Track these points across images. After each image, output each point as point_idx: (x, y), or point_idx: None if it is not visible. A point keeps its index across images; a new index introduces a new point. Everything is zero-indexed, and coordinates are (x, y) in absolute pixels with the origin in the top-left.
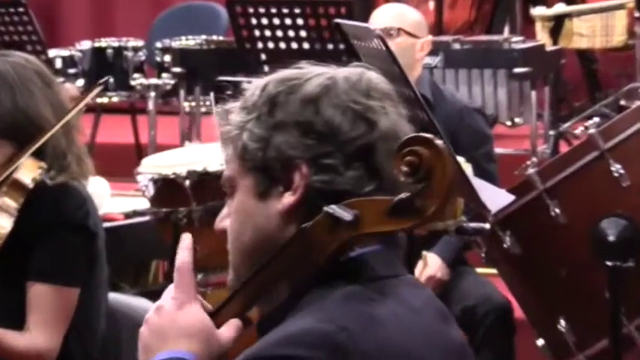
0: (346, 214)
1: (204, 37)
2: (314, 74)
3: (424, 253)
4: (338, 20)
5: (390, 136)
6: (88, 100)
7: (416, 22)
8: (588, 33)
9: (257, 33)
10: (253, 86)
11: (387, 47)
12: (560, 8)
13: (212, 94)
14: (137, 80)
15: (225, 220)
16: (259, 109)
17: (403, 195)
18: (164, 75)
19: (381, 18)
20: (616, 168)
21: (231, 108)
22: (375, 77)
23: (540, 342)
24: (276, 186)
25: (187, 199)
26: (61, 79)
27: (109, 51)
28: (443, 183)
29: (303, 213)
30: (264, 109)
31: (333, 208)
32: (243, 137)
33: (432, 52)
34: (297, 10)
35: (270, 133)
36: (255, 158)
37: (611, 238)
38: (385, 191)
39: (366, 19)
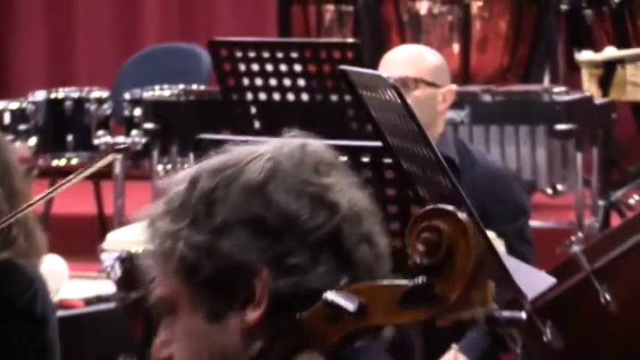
0: (349, 304)
1: (181, 86)
2: (251, 157)
3: (454, 346)
4: (343, 67)
5: (353, 216)
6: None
7: (436, 68)
8: None
9: (246, 81)
10: (177, 182)
11: (403, 100)
12: (610, 53)
13: (191, 156)
14: (101, 138)
15: (167, 348)
16: (193, 210)
17: (419, 279)
18: (134, 132)
19: (394, 66)
20: None
21: (152, 213)
22: (317, 146)
23: None
24: (233, 301)
25: None
26: (9, 137)
27: (68, 103)
28: (467, 264)
29: (271, 325)
30: (200, 210)
31: (333, 296)
32: (178, 248)
33: (458, 105)
34: (294, 55)
35: (213, 238)
36: (199, 272)
37: None
38: (362, 280)
39: (377, 65)
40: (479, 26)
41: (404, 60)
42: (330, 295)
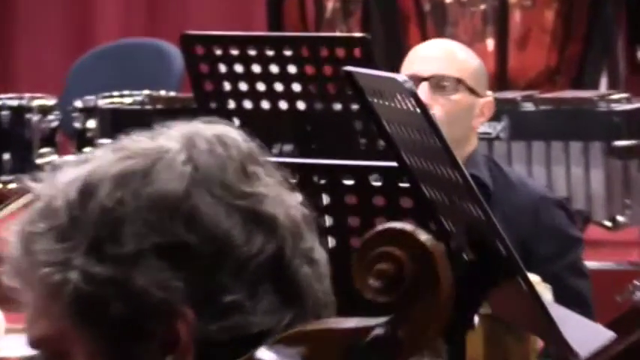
0: None
1: (147, 92)
2: (160, 157)
3: None
4: (349, 68)
5: (293, 231)
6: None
7: (478, 73)
8: None
9: (227, 86)
10: (56, 187)
11: (424, 109)
12: None
13: None
14: (45, 157)
15: None
16: (91, 231)
17: (378, 322)
18: (86, 149)
19: (427, 61)
20: None
21: (25, 229)
22: (234, 136)
23: None
24: (148, 350)
25: None
26: None
27: (4, 113)
28: (438, 301)
29: None
30: (102, 232)
31: (264, 355)
32: (71, 281)
33: (493, 116)
34: (287, 53)
35: (121, 270)
36: (102, 313)
37: None
38: (307, 315)
39: (391, 65)
40: (519, 17)
41: (441, 54)
42: (263, 355)
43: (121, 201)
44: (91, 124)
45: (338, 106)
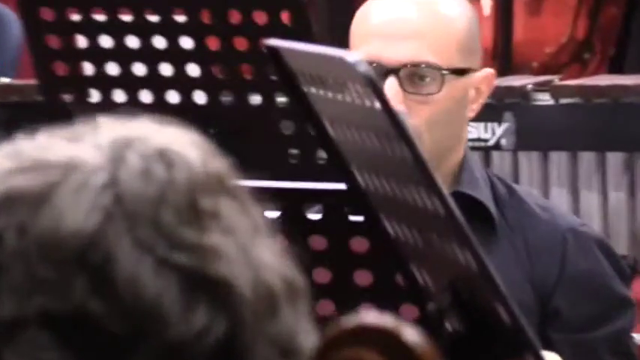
0: None
1: None
2: (71, 179)
3: None
4: (272, 41)
5: (264, 303)
6: None
7: (470, 35)
8: None
9: (89, 68)
10: None
11: (386, 103)
12: None
13: None
14: None
15: None
16: None
17: None
18: None
19: (394, 34)
20: None
21: None
22: (188, 150)
23: None
24: None
25: None
26: None
27: None
28: None
29: None
30: None
31: None
32: None
33: (491, 115)
34: (179, 19)
35: None
36: None
37: None
38: None
39: (338, 35)
40: None
41: (411, 22)
42: None
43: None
44: None
45: (256, 99)
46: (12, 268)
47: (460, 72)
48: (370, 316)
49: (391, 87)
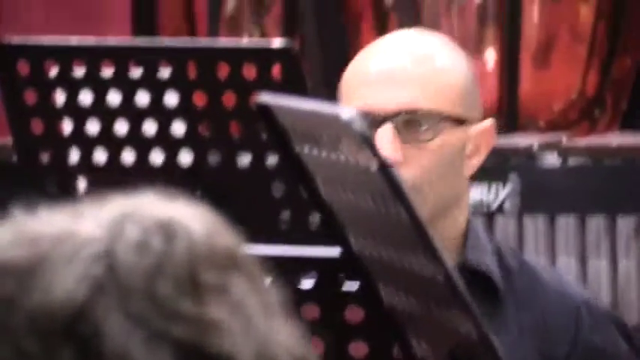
0: None
1: None
2: (65, 251)
3: None
4: (262, 97)
5: None
6: None
7: (468, 85)
8: None
9: (68, 127)
10: None
11: (382, 161)
12: None
13: None
14: None
15: None
16: None
17: None
18: None
19: (390, 80)
20: None
21: None
22: (193, 223)
23: None
24: None
25: None
26: None
27: None
28: None
29: None
30: None
31: None
32: None
33: (495, 175)
34: (163, 73)
35: None
36: None
37: None
38: None
39: (332, 90)
40: (537, 15)
41: (407, 69)
42: None
43: None
44: None
45: (245, 159)
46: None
47: (457, 121)
48: None
49: (386, 134)
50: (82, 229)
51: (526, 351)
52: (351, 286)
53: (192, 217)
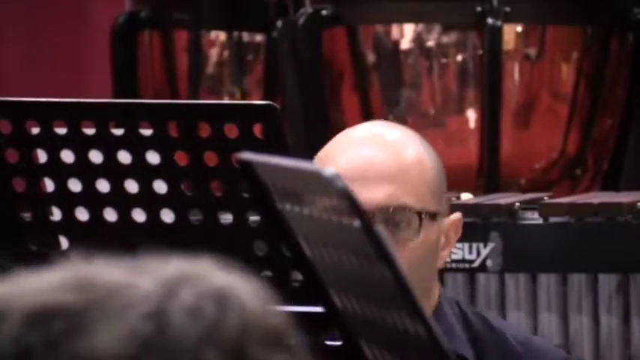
0: None
1: None
2: (115, 303)
3: None
4: (243, 155)
5: None
6: None
7: (438, 181)
8: None
9: (50, 186)
10: None
11: (365, 217)
12: None
13: None
14: None
15: None
16: None
17: None
18: None
19: (371, 175)
20: None
21: None
22: (248, 297)
23: None
24: None
25: None
26: None
27: None
28: None
29: None
30: None
31: None
32: None
33: (476, 234)
34: (145, 132)
35: None
36: None
37: None
38: None
39: (312, 148)
40: (517, 75)
41: (385, 165)
42: None
43: (27, 350)
44: None
45: (227, 218)
46: None
47: (433, 216)
48: None
49: None
50: (139, 284)
51: None
52: (334, 343)
53: (247, 290)
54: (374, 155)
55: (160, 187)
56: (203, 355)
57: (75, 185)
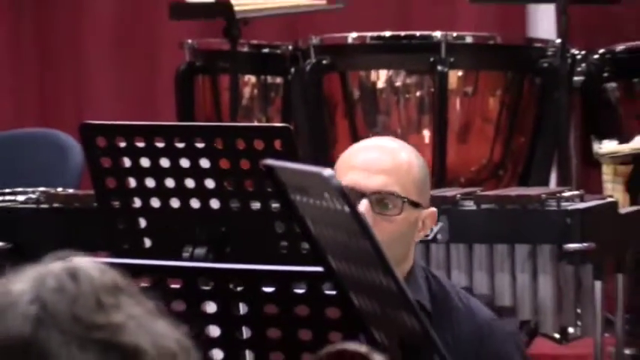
0: None
1: (42, 188)
2: (3, 304)
3: None
4: (268, 161)
5: (162, 354)
6: None
7: (423, 180)
8: None
9: (132, 182)
10: None
11: (354, 209)
12: None
13: None
14: None
15: None
16: None
17: None
18: None
19: (370, 169)
20: None
21: None
22: (91, 268)
23: None
24: None
25: None
26: None
27: None
28: None
29: None
30: None
31: None
32: None
33: None
34: (199, 145)
35: None
36: None
37: None
38: None
39: (316, 157)
40: (459, 106)
41: (387, 165)
42: None
43: None
44: None
45: (256, 205)
46: None
47: (414, 204)
48: (351, 344)
49: (364, 206)
50: (13, 287)
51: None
52: (330, 292)
53: (88, 264)
54: (376, 156)
55: (209, 183)
56: (77, 313)
57: (150, 182)
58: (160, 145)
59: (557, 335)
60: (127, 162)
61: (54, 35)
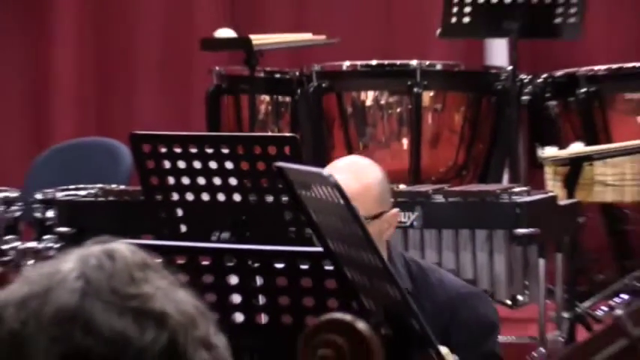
0: None
1: (99, 185)
2: (56, 279)
3: None
4: (279, 164)
5: (185, 322)
6: None
7: (380, 195)
8: (615, 182)
9: (171, 180)
10: None
11: (346, 200)
12: (577, 148)
13: None
14: (9, 244)
15: None
16: (2, 353)
17: None
18: (46, 237)
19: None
20: None
21: None
22: (124, 250)
23: None
24: None
25: None
26: None
27: None
28: None
29: None
30: (11, 356)
31: None
32: None
33: (407, 207)
34: (224, 151)
35: None
36: None
37: None
38: None
39: (317, 160)
40: (430, 119)
41: (350, 189)
42: None
43: (23, 323)
44: (50, 214)
45: (270, 198)
46: (37, 337)
47: (377, 216)
48: (338, 314)
49: None
50: (61, 267)
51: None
52: (329, 267)
53: (122, 246)
54: (344, 182)
55: (232, 181)
56: (114, 286)
57: (185, 180)
58: (194, 150)
59: (509, 302)
60: (167, 164)
61: (110, 62)
